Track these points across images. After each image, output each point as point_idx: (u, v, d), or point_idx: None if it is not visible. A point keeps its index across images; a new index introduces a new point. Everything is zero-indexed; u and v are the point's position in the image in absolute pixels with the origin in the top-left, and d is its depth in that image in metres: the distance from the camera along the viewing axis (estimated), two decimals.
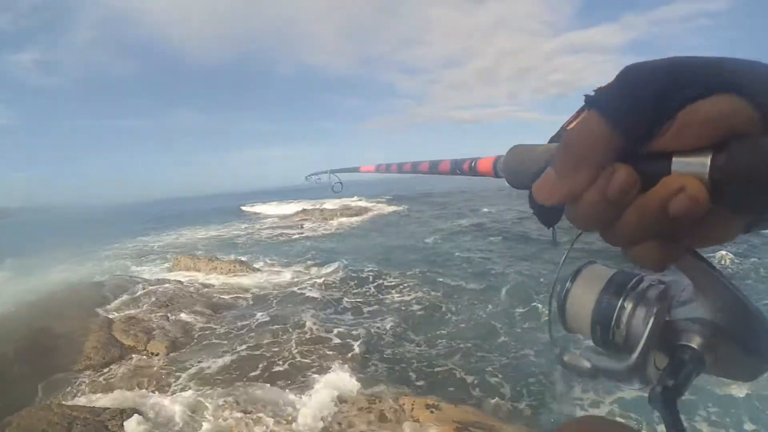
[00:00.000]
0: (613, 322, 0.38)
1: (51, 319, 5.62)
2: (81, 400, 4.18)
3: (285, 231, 17.63)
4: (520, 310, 6.88)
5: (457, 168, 0.65)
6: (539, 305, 6.88)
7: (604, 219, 0.28)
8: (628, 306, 0.38)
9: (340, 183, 2.90)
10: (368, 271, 9.80)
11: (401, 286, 8.53)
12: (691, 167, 0.24)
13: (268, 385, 4.58)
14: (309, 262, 10.88)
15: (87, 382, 4.49)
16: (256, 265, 10.29)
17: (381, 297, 8.15)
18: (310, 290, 8.24)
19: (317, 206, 24.91)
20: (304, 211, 23.67)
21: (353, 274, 9.50)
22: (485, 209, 20.49)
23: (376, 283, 8.82)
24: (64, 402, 4.08)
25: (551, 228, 0.41)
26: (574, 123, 0.33)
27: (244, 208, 35.07)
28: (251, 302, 7.68)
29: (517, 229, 14.13)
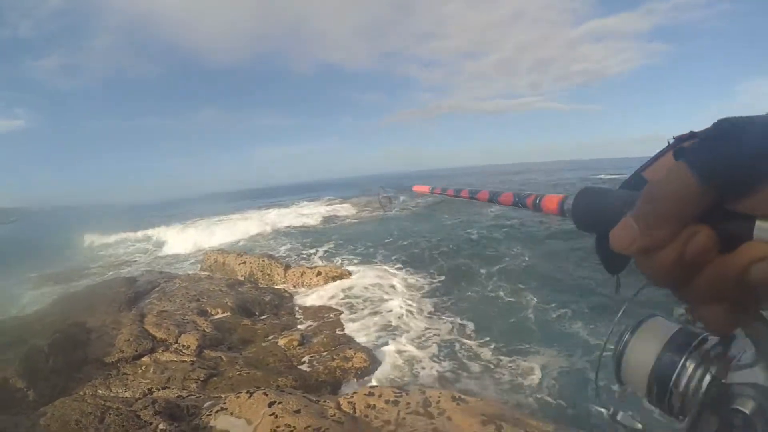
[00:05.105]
0: (672, 382, 0.37)
1: (85, 314, 5.72)
2: (113, 391, 4.20)
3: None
4: (554, 307, 6.59)
5: (519, 202, 0.60)
6: (572, 305, 6.60)
7: (678, 277, 0.27)
8: (690, 367, 0.36)
9: (388, 197, 2.88)
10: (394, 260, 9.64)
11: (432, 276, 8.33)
12: None
13: (294, 379, 4.53)
14: (346, 256, 10.93)
15: (119, 373, 4.51)
16: (285, 260, 10.29)
17: (413, 287, 7.99)
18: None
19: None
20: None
21: (389, 264, 9.38)
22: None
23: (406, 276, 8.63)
24: (96, 393, 4.11)
25: (615, 276, 0.39)
26: (652, 169, 0.35)
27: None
28: (279, 297, 7.65)
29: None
